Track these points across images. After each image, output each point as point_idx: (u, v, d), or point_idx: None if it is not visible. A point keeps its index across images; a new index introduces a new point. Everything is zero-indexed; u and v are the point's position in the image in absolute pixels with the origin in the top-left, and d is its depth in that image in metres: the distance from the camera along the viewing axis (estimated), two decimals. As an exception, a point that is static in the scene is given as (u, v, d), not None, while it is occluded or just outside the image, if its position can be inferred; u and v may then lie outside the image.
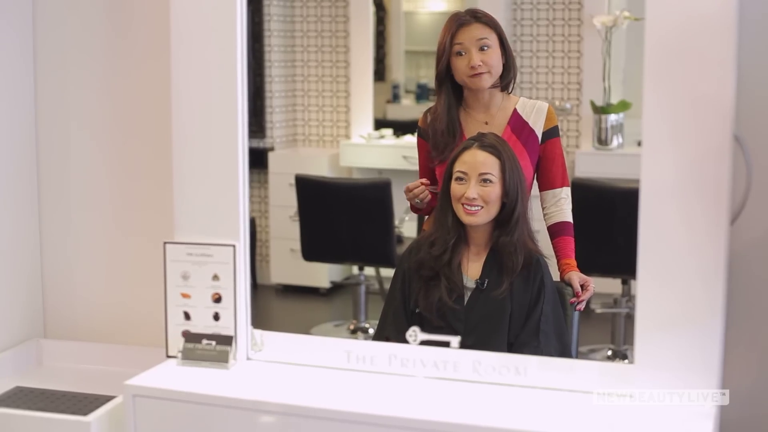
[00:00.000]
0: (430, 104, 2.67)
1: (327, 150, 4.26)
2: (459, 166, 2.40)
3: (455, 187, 2.40)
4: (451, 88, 2.58)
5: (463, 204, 2.38)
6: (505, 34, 2.57)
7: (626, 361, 2.94)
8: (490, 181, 2.37)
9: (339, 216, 3.65)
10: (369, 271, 3.68)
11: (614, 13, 3.35)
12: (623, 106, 3.43)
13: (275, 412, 2.11)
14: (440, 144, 2.57)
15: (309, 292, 4.10)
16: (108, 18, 2.72)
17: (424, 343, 2.20)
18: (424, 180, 2.60)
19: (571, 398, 2.08)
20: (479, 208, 2.37)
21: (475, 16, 2.54)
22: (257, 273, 4.05)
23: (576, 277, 2.51)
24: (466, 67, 2.53)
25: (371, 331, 3.49)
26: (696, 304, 1.96)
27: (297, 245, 3.67)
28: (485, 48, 2.53)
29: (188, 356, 2.32)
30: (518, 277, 2.39)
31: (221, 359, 2.30)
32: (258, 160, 4.12)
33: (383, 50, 4.87)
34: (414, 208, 2.68)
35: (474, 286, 2.42)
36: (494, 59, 2.53)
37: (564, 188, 2.59)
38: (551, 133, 2.58)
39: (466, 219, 2.39)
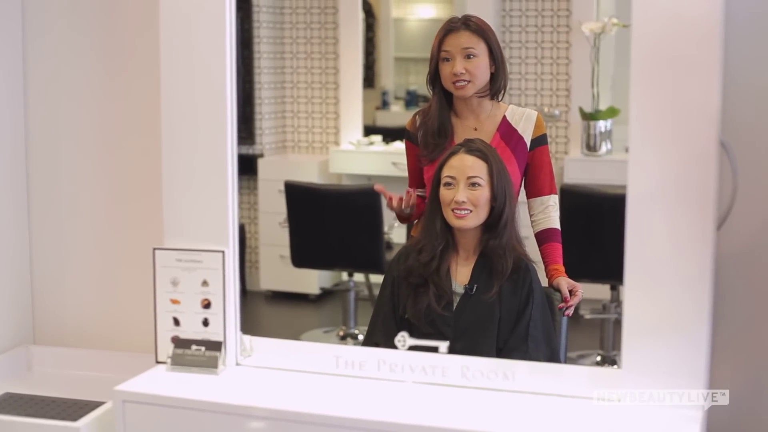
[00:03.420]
0: (420, 111, 2.68)
1: (316, 156, 4.27)
2: (447, 171, 2.41)
3: (444, 193, 2.41)
4: (442, 91, 2.59)
5: (452, 209, 2.39)
6: (497, 43, 2.57)
7: (615, 366, 2.94)
8: (479, 185, 2.38)
9: (328, 222, 3.65)
10: (358, 277, 3.68)
11: (602, 20, 3.37)
12: (612, 112, 3.44)
13: (264, 417, 2.11)
14: (430, 144, 2.57)
15: (298, 298, 4.10)
16: (97, 27, 2.72)
17: (412, 348, 2.21)
18: (408, 189, 2.60)
19: (559, 403, 2.09)
20: (468, 211, 2.38)
21: (466, 23, 2.54)
22: (246, 279, 4.05)
23: (564, 282, 2.51)
24: (450, 73, 2.53)
25: (361, 337, 3.49)
26: (682, 309, 1.97)
27: (286, 251, 3.68)
28: (470, 56, 2.53)
29: (178, 362, 2.32)
30: (507, 282, 2.40)
31: (210, 365, 2.30)
32: (247, 166, 4.13)
33: (372, 57, 4.89)
34: (401, 218, 2.67)
35: (463, 291, 2.42)
36: (479, 68, 2.53)
37: (552, 195, 2.60)
38: (540, 140, 2.59)
39: (456, 223, 2.40)
